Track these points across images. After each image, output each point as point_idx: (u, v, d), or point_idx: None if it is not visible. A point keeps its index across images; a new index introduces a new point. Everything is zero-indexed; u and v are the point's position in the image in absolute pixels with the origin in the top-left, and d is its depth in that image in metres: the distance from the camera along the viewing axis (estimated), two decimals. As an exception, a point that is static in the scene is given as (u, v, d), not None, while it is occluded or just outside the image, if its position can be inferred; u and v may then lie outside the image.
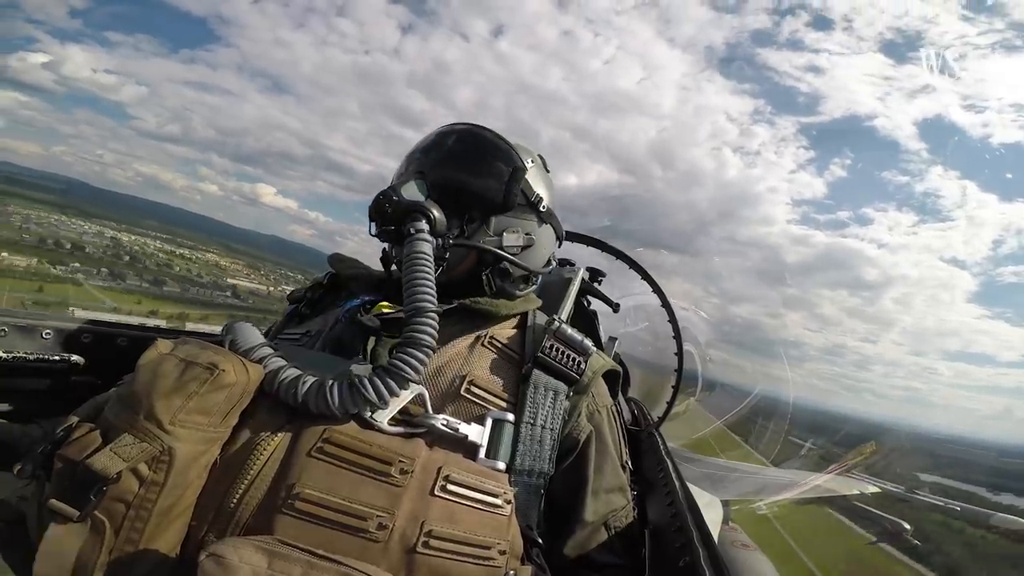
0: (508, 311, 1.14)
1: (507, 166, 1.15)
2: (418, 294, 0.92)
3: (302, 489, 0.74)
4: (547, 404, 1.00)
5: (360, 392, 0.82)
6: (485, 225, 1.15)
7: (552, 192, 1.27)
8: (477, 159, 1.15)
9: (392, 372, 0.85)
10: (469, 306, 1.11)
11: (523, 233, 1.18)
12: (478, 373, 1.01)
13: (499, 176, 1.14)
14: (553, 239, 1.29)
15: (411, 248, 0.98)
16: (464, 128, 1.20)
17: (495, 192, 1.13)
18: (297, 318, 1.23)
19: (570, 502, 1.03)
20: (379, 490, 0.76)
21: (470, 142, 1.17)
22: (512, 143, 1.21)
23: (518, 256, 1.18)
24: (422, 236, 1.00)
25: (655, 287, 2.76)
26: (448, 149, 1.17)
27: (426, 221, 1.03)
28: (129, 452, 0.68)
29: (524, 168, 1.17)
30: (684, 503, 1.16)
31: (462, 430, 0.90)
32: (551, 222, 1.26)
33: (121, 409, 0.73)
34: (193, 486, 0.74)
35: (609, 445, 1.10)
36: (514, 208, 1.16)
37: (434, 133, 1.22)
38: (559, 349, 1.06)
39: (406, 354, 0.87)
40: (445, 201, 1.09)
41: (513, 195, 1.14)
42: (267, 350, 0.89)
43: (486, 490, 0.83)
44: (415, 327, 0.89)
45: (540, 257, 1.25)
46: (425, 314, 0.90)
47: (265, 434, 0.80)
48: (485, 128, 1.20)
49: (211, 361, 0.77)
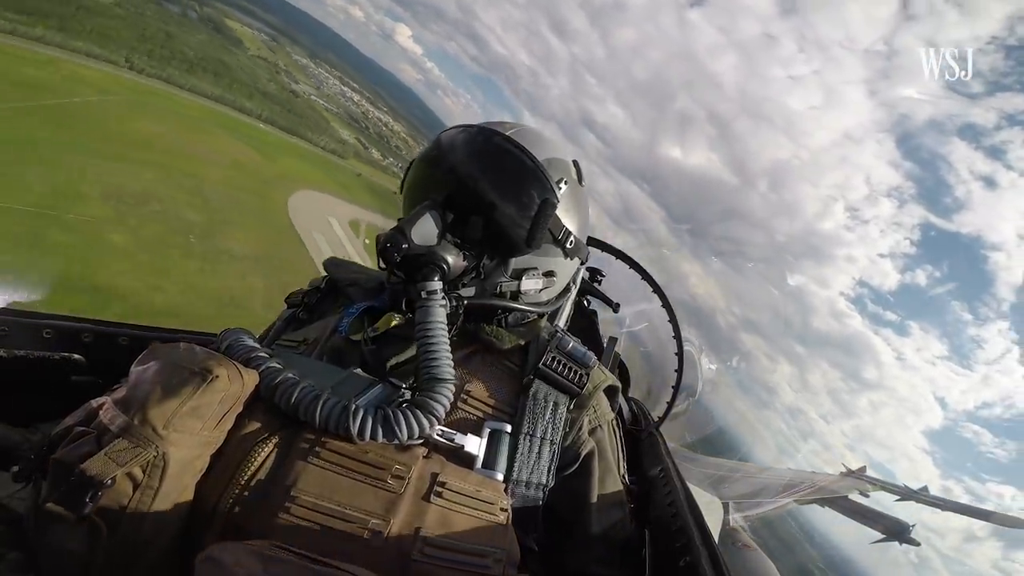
0: (512, 343, 1.08)
1: (535, 197, 1.03)
2: (436, 366, 0.91)
3: (297, 494, 0.74)
4: (547, 416, 1.00)
5: (391, 425, 0.82)
6: (503, 267, 1.08)
7: (583, 215, 1.16)
8: (503, 185, 1.02)
9: (425, 407, 0.85)
10: (473, 331, 1.09)
11: (543, 273, 1.11)
12: (477, 385, 1.01)
13: (525, 210, 1.02)
14: (576, 267, 1.21)
15: (424, 316, 0.94)
16: (489, 140, 1.06)
17: (518, 232, 1.02)
18: (295, 323, 1.23)
19: (571, 516, 1.04)
20: (374, 496, 0.76)
21: (496, 162, 1.04)
22: (544, 158, 1.08)
23: (534, 296, 1.13)
24: (435, 300, 0.95)
25: (655, 287, 2.75)
26: (471, 168, 1.03)
27: (439, 275, 0.97)
28: (124, 456, 0.69)
29: (555, 202, 1.05)
30: (684, 503, 1.16)
31: (458, 440, 0.90)
32: (578, 255, 1.17)
33: (116, 414, 0.73)
34: (188, 490, 0.74)
35: (610, 460, 1.10)
36: (539, 247, 1.07)
37: (456, 141, 1.09)
38: (561, 362, 1.05)
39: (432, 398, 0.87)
40: (462, 229, 1.02)
41: (539, 235, 1.04)
42: (263, 356, 0.89)
43: (482, 498, 0.83)
44: (433, 393, 0.88)
45: (558, 288, 1.20)
46: (445, 383, 0.90)
47: (260, 439, 0.80)
48: (512, 141, 1.06)
49: (205, 366, 0.77)
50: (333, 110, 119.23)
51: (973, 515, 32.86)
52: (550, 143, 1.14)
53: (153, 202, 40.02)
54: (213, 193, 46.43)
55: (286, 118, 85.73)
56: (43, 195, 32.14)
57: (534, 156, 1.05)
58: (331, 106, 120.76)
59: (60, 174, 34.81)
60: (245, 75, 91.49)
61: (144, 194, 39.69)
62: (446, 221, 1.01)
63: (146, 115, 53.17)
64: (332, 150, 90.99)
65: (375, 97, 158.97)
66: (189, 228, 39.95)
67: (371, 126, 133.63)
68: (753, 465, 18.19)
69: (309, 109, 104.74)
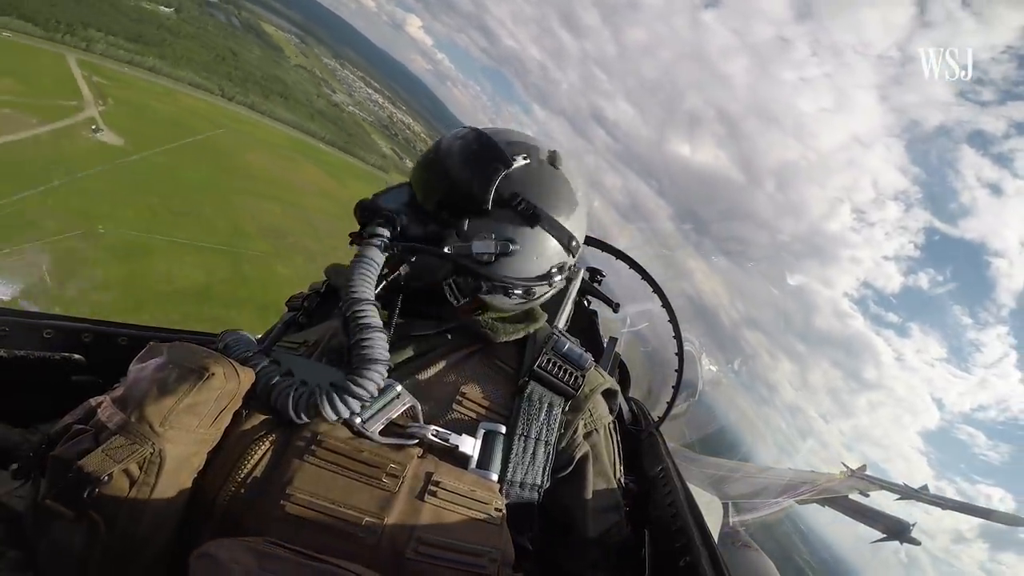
0: (507, 336, 1.08)
1: (486, 164, 1.05)
2: (358, 316, 0.90)
3: (293, 491, 0.74)
4: (542, 417, 1.00)
5: (315, 405, 0.83)
6: (456, 230, 1.06)
7: (556, 194, 1.13)
8: (456, 160, 1.07)
9: (348, 389, 0.84)
10: (468, 325, 1.09)
11: (499, 239, 1.06)
12: (472, 385, 1.01)
13: (473, 174, 1.04)
14: (555, 248, 1.12)
15: (359, 252, 0.97)
16: (458, 132, 1.14)
17: (463, 190, 1.04)
18: (295, 326, 1.23)
19: (566, 519, 1.04)
20: (369, 494, 0.76)
21: (456, 145, 1.09)
22: (512, 140, 1.11)
23: (493, 265, 1.06)
24: (373, 241, 0.99)
25: (655, 287, 2.75)
26: (434, 154, 1.11)
27: (388, 225, 1.01)
28: (120, 453, 0.69)
29: (504, 165, 1.04)
30: (684, 503, 1.16)
31: (452, 441, 0.90)
32: (548, 228, 1.10)
33: (113, 411, 0.74)
34: (184, 487, 0.75)
35: (606, 464, 1.10)
36: (489, 210, 1.05)
37: (443, 141, 1.16)
38: (556, 363, 1.04)
39: (360, 374, 0.85)
40: (425, 208, 1.07)
41: (483, 194, 1.03)
42: (260, 355, 0.90)
43: (477, 498, 0.84)
44: (363, 345, 0.87)
45: (528, 267, 1.10)
46: (368, 330, 0.88)
47: (256, 436, 0.80)
48: (480, 130, 1.11)
49: (202, 364, 0.78)
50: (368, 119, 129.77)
51: (974, 513, 32.84)
52: (521, 136, 1.15)
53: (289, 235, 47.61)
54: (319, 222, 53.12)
55: (341, 137, 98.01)
56: (225, 234, 41.42)
57: (491, 137, 1.08)
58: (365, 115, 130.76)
59: (230, 213, 44.37)
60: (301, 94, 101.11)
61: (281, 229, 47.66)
62: (414, 201, 1.08)
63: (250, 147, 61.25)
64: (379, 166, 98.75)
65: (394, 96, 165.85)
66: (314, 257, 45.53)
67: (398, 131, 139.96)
68: (753, 465, 18.19)
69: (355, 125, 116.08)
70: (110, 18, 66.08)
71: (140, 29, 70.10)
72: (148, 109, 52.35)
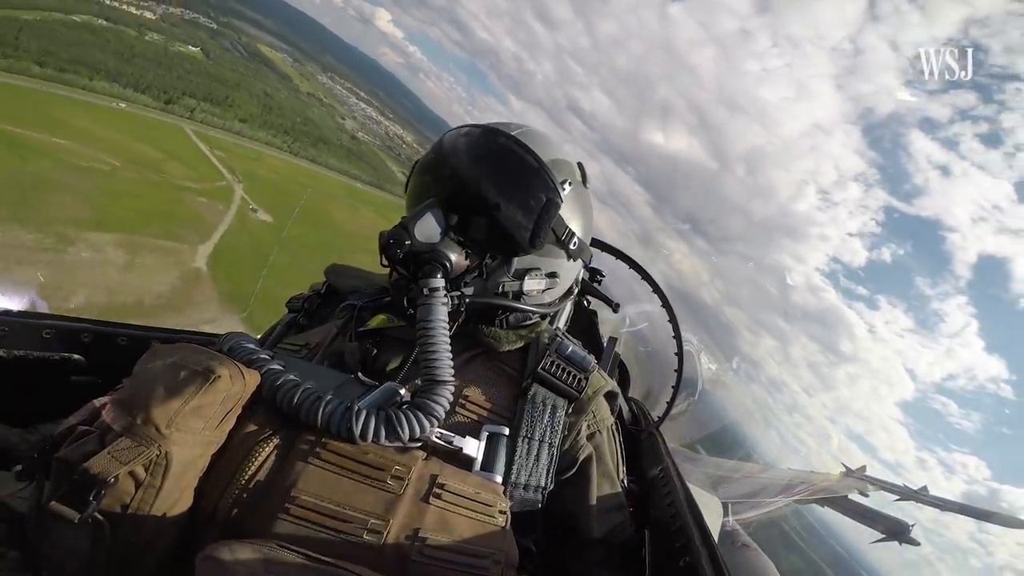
0: (510, 345, 1.09)
1: (540, 197, 1.03)
2: (435, 367, 0.91)
3: (297, 494, 0.74)
4: (545, 419, 1.00)
5: (394, 426, 0.83)
6: (506, 266, 1.07)
7: (587, 217, 1.16)
8: (506, 184, 1.02)
9: (426, 409, 0.86)
10: (470, 332, 1.09)
11: (546, 274, 1.10)
12: (474, 388, 1.01)
13: (529, 211, 1.02)
14: (579, 269, 1.20)
15: (425, 314, 0.93)
16: (494, 140, 1.07)
17: (522, 232, 1.02)
18: (296, 328, 1.23)
19: (571, 520, 1.05)
20: (374, 496, 0.76)
21: (500, 162, 1.04)
22: (549, 159, 1.07)
23: (536, 296, 1.12)
24: (437, 298, 0.94)
25: (655, 287, 2.75)
26: (474, 168, 1.04)
27: (442, 273, 0.97)
28: (126, 455, 0.69)
29: (559, 202, 1.05)
30: (684, 503, 1.16)
31: (456, 443, 0.90)
32: (581, 256, 1.16)
33: (118, 413, 0.73)
34: (189, 489, 0.75)
35: (609, 465, 1.11)
36: (542, 247, 1.07)
37: (459, 141, 1.10)
38: (560, 366, 1.05)
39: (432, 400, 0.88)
40: (465, 228, 1.03)
41: (542, 235, 1.04)
42: (264, 358, 0.90)
43: (481, 500, 0.84)
44: (434, 395, 0.89)
45: (560, 290, 1.18)
46: (445, 385, 0.90)
47: (261, 438, 0.80)
48: (516, 140, 1.06)
49: (207, 366, 0.77)
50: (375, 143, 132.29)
51: (974, 515, 32.79)
52: (555, 145, 1.13)
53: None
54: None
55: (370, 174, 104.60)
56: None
57: (539, 156, 1.05)
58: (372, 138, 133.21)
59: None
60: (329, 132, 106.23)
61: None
62: (449, 220, 1.02)
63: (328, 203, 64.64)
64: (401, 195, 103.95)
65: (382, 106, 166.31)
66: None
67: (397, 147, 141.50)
68: (753, 465, 18.16)
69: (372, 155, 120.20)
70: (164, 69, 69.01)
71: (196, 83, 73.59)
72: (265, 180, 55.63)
